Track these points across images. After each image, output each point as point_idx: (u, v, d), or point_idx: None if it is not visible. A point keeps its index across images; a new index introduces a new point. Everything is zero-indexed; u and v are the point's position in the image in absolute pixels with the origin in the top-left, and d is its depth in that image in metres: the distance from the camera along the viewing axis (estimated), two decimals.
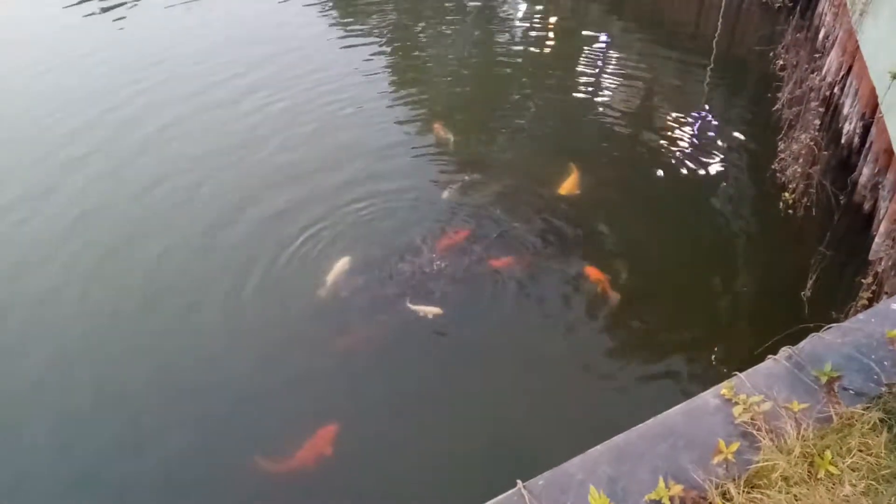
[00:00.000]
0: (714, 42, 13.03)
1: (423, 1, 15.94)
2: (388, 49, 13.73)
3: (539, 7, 15.42)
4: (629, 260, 8.13)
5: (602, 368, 7.02)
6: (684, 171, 9.71)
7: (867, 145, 7.60)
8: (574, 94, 11.93)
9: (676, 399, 3.49)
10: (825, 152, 8.55)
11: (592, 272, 7.85)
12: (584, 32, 14.23)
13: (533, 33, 14.33)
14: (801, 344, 3.65)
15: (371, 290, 7.81)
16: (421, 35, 14.60)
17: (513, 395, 6.65)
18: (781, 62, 11.27)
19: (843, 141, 8.39)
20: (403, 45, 14.11)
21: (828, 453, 3.02)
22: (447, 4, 15.59)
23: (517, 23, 14.84)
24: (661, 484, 2.92)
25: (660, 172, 9.73)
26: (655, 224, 8.76)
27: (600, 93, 11.91)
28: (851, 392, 3.35)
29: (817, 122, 9.04)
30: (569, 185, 9.14)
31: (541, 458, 3.56)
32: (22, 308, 7.91)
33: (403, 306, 7.50)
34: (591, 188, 9.18)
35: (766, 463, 3.00)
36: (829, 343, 3.63)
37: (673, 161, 9.93)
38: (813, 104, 9.38)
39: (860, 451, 3.05)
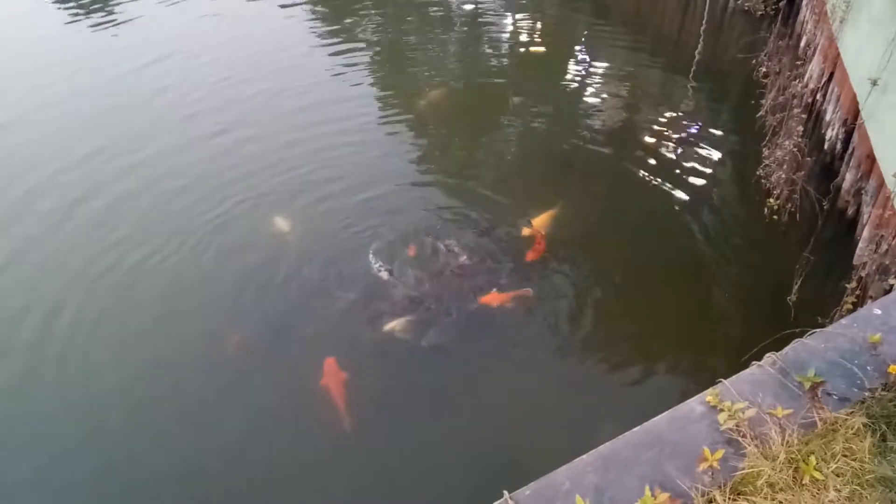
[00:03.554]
0: (697, 50, 13.14)
1: (409, 9, 15.96)
2: (370, 57, 13.69)
3: (524, 14, 15.49)
4: (614, 267, 8.14)
5: (588, 376, 7.03)
6: (669, 178, 9.74)
7: (849, 151, 7.68)
8: (557, 101, 11.97)
9: (662, 406, 3.48)
10: (809, 158, 8.62)
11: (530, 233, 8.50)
12: (568, 40, 14.31)
13: (517, 41, 14.37)
14: (785, 350, 3.66)
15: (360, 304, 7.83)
16: (405, 43, 14.60)
17: (499, 404, 6.64)
18: (764, 69, 11.37)
19: (825, 147, 8.47)
20: (387, 55, 14.09)
21: (812, 459, 3.03)
22: (433, 12, 15.63)
23: (502, 30, 14.88)
24: (648, 492, 2.91)
25: (644, 180, 9.76)
26: (640, 231, 8.80)
27: (583, 100, 11.97)
28: (835, 397, 3.36)
29: (800, 128, 9.11)
30: (544, 218, 8.93)
31: (527, 467, 3.54)
32: None
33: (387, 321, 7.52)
34: (574, 196, 9.19)
35: (751, 469, 3.00)
36: (812, 349, 3.64)
37: (657, 168, 9.97)
38: (796, 111, 9.46)
39: (844, 456, 3.06)
